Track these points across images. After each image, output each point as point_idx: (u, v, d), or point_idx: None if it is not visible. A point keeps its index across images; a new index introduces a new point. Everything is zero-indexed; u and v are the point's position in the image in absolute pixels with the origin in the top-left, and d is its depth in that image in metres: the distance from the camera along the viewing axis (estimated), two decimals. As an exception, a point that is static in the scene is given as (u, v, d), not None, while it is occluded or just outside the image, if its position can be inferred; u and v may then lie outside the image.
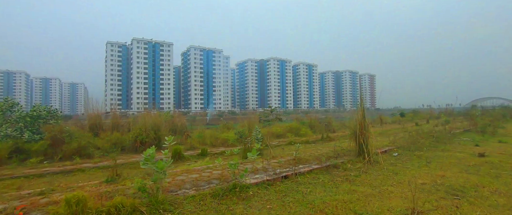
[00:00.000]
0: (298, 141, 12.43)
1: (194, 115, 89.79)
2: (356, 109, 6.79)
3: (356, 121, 6.51)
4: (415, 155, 6.97)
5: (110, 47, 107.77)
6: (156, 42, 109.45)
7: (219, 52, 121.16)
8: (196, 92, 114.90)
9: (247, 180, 4.80)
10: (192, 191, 4.31)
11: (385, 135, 12.23)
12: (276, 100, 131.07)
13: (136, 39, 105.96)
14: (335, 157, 6.55)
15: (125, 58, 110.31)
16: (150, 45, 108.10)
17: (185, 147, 11.55)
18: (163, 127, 13.06)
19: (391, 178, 4.95)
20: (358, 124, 6.47)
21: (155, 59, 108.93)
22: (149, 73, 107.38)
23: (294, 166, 5.59)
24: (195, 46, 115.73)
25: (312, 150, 8.22)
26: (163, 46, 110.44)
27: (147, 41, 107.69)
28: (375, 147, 7.71)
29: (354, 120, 6.60)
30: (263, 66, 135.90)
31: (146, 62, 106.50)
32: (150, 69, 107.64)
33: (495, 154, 7.25)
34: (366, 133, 6.34)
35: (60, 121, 11.71)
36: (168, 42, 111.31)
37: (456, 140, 9.81)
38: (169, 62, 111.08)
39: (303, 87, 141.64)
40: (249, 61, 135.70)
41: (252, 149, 4.60)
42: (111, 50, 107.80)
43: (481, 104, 57.46)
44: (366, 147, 6.26)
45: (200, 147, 10.75)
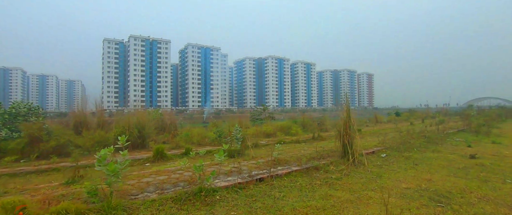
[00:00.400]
0: (288, 141, 12.11)
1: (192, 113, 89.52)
2: (356, 108, 6.44)
3: (342, 120, 6.16)
4: (404, 156, 6.64)
5: (107, 44, 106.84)
6: (154, 40, 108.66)
7: (217, 50, 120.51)
8: (194, 90, 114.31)
9: (218, 183, 4.45)
10: (154, 195, 3.96)
11: (377, 134, 11.91)
12: (274, 99, 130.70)
13: (133, 36, 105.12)
14: (318, 158, 6.20)
15: (122, 55, 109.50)
16: (147, 42, 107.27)
17: (170, 146, 11.20)
18: (149, 125, 12.70)
19: (373, 182, 4.61)
20: (343, 124, 6.12)
21: (153, 57, 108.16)
22: (146, 71, 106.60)
23: (272, 167, 5.24)
24: (193, 43, 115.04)
25: (298, 150, 7.88)
26: (160, 43, 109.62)
27: (144, 38, 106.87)
28: (363, 148, 7.38)
29: (339, 120, 6.24)
30: (261, 64, 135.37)
31: (143, 60, 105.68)
32: (147, 66, 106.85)
33: (487, 155, 6.93)
34: (351, 133, 6.00)
35: (41, 119, 11.30)
36: (165, 40, 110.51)
37: (448, 141, 9.50)
38: (166, 60, 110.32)
39: (301, 85, 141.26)
40: (247, 59, 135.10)
41: (219, 151, 4.24)
42: (108, 47, 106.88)
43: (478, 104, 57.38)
44: (350, 148, 5.91)
45: (185, 146, 10.37)
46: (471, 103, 40.50)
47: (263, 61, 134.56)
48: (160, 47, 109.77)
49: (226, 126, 14.59)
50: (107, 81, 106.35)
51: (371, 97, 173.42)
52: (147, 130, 11.52)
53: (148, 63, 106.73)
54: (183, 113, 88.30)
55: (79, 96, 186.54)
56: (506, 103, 60.32)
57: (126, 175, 4.98)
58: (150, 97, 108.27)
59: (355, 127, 6.05)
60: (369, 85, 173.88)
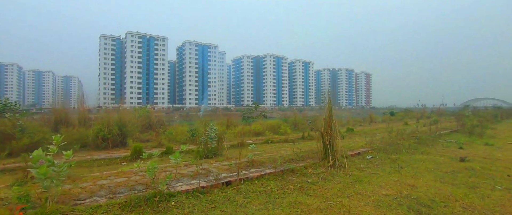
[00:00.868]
0: (276, 140, 11.72)
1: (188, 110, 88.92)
2: (354, 107, 6.02)
3: (323, 120, 5.75)
4: (390, 158, 6.24)
5: (104, 40, 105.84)
6: (151, 36, 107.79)
7: (214, 47, 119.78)
8: (191, 87, 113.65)
9: (180, 186, 4.04)
10: (103, 200, 3.54)
11: (368, 134, 11.54)
12: (271, 97, 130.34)
13: (130, 33, 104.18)
14: (298, 160, 5.80)
15: (119, 52, 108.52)
16: (144, 39, 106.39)
17: (152, 144, 10.78)
18: (132, 123, 12.25)
19: (351, 187, 4.21)
20: (323, 124, 5.71)
21: (150, 54, 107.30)
22: (143, 68, 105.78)
23: (244, 170, 4.83)
24: (190, 41, 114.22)
25: (282, 151, 7.47)
26: (157, 40, 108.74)
27: (141, 35, 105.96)
28: (349, 149, 6.99)
29: (321, 119, 5.83)
30: (259, 63, 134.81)
31: (140, 57, 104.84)
32: (144, 63, 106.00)
33: (478, 158, 6.56)
34: (332, 134, 5.59)
35: (19, 115, 10.83)
36: (163, 36, 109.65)
37: (440, 142, 9.13)
38: (163, 57, 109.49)
39: (299, 84, 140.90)
40: (245, 57, 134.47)
41: (175, 152, 3.82)
42: (104, 44, 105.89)
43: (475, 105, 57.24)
44: (331, 149, 5.51)
45: (167, 144, 9.94)
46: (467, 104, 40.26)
47: (261, 59, 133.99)
48: (157, 44, 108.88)
49: (202, 124, 14.18)
50: (104, 78, 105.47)
51: (369, 96, 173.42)
52: (129, 127, 11.08)
53: (145, 60, 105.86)
54: (179, 111, 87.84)
55: (76, 92, 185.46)
56: (502, 104, 60.21)
57: (81, 177, 4.55)
58: (147, 94, 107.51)
59: (337, 127, 5.65)
60: (367, 84, 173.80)
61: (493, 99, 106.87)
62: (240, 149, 6.78)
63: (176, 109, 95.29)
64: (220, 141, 6.71)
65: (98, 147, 10.02)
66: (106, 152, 9.39)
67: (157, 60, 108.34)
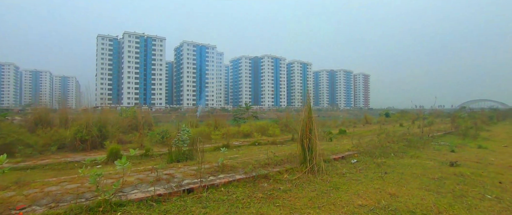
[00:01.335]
0: (264, 142, 11.31)
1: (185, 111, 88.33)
2: (352, 108, 5.62)
3: (301, 121, 5.35)
4: (376, 163, 5.85)
5: (101, 40, 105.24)
6: (148, 37, 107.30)
7: (212, 48, 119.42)
8: (189, 88, 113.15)
9: (135, 194, 3.63)
10: (41, 210, 3.13)
11: (361, 136, 11.15)
12: (269, 98, 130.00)
13: (128, 33, 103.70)
14: (274, 164, 5.40)
15: (116, 52, 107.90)
16: (142, 39, 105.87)
17: (133, 146, 10.32)
18: (113, 124, 11.83)
19: (325, 196, 3.81)
20: (302, 126, 5.31)
21: (147, 54, 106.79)
22: (140, 68, 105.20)
23: (211, 175, 4.42)
24: (188, 41, 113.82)
25: (260, 154, 7.05)
26: (155, 40, 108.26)
27: (139, 35, 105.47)
28: (334, 152, 6.60)
29: (300, 121, 5.43)
30: (257, 64, 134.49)
31: (137, 57, 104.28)
32: (142, 63, 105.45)
33: (469, 163, 6.17)
34: (311, 137, 5.19)
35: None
36: (160, 37, 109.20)
37: (432, 145, 8.75)
38: (161, 57, 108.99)
39: (297, 85, 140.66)
40: (243, 58, 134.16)
41: (122, 157, 3.40)
42: (102, 44, 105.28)
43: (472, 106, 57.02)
44: (310, 153, 5.10)
45: (148, 146, 9.52)
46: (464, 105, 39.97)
47: (259, 60, 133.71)
48: (155, 44, 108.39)
49: (201, 125, 13.75)
50: (101, 78, 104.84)
51: (367, 97, 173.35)
52: (109, 128, 10.66)
53: (142, 61, 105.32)
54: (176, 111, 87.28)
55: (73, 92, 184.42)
56: (499, 105, 59.92)
57: (30, 183, 4.13)
58: (144, 95, 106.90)
59: (316, 130, 5.25)
60: (365, 85, 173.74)
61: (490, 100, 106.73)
62: (223, 152, 6.35)
63: (173, 109, 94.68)
64: (194, 143, 6.30)
65: (75, 148, 9.59)
66: (83, 154, 8.97)
67: (155, 61, 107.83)
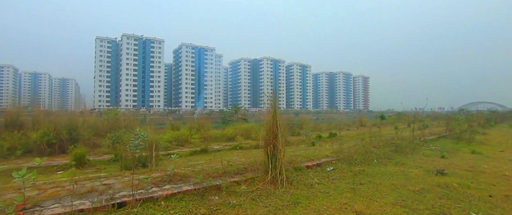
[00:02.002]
0: (246, 146, 10.71)
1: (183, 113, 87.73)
2: (351, 110, 5.03)
3: (265, 125, 4.75)
4: (353, 171, 5.22)
5: (99, 42, 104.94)
6: (147, 39, 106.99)
7: (211, 50, 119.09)
8: (187, 90, 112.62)
9: (54, 208, 3.03)
10: None
11: (347, 140, 10.53)
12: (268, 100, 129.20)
13: (126, 35, 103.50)
14: (235, 173, 4.78)
15: (114, 54, 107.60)
16: (140, 41, 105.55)
17: (104, 150, 9.72)
18: (90, 126, 11.24)
19: (279, 213, 3.18)
20: (265, 130, 4.70)
21: (146, 56, 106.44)
22: (138, 70, 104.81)
23: (155, 186, 3.80)
24: (187, 43, 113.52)
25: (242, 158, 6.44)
26: (154, 42, 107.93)
27: (137, 37, 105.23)
28: (308, 159, 5.97)
29: (264, 125, 4.83)
30: (256, 66, 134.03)
31: (136, 59, 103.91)
32: (140, 66, 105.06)
33: (459, 171, 5.54)
34: (276, 143, 4.57)
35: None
36: (159, 39, 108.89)
37: (422, 150, 8.11)
38: (159, 59, 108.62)
39: (296, 87, 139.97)
40: (242, 60, 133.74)
41: (22, 169, 2.79)
42: (100, 46, 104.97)
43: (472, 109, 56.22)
44: (274, 161, 4.49)
45: (117, 152, 8.90)
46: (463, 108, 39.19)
47: (258, 63, 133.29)
48: (153, 47, 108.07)
49: (184, 128, 13.14)
50: (99, 80, 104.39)
51: (367, 100, 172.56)
52: (81, 131, 10.06)
53: (140, 63, 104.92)
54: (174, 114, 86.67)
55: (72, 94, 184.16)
56: (498, 107, 59.04)
57: None
58: (142, 97, 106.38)
59: (281, 135, 4.63)
60: (364, 88, 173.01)
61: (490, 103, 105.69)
62: (174, 159, 5.72)
63: (171, 111, 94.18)
64: (151, 149, 5.69)
65: (42, 153, 9.00)
66: (50, 159, 8.36)
67: (153, 63, 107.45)
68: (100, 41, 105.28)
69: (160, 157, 6.82)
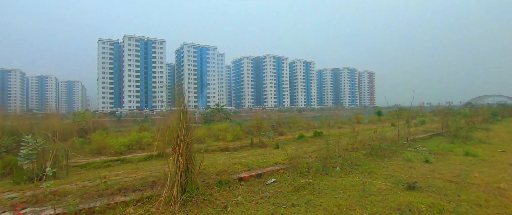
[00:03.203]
0: (213, 148, 9.59)
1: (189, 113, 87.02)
2: (356, 106, 3.87)
3: (172, 127, 3.61)
4: (296, 185, 4.02)
5: (102, 44, 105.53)
6: (148, 39, 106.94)
7: (213, 49, 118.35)
8: (190, 89, 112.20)
9: None
10: None
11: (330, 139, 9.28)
12: (272, 98, 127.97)
13: (128, 36, 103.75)
14: (138, 188, 3.65)
15: (117, 55, 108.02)
16: (142, 42, 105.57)
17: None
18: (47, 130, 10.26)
19: None
20: (175, 134, 3.57)
21: (147, 57, 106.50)
22: (141, 71, 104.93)
23: (9, 210, 2.71)
24: (188, 43, 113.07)
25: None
26: (155, 43, 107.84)
27: (139, 38, 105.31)
28: (249, 167, 4.80)
29: (167, 128, 3.70)
30: (259, 63, 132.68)
31: (138, 60, 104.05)
32: (142, 66, 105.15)
33: (440, 181, 4.29)
34: (182, 150, 3.43)
35: None
36: (160, 39, 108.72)
37: (407, 151, 6.81)
38: (161, 60, 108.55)
39: (300, 84, 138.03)
40: (245, 58, 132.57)
41: None
42: (102, 48, 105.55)
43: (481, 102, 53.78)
44: (180, 173, 3.35)
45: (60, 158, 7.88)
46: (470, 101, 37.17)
47: (261, 60, 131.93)
48: (155, 47, 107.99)
49: (153, 129, 12.11)
50: (102, 82, 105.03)
51: (372, 95, 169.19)
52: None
53: (142, 63, 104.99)
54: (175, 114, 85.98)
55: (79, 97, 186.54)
56: (508, 100, 55.92)
57: None
58: (145, 98, 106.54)
59: (190, 140, 3.48)
60: (370, 83, 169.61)
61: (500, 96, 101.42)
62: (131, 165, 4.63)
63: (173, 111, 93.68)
64: (65, 158, 4.62)
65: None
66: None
67: (155, 63, 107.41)
68: (102, 43, 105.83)
69: (91, 166, 5.75)
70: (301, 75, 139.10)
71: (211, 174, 4.40)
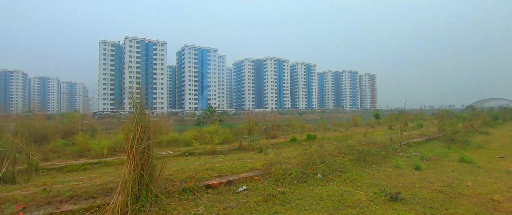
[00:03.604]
0: (199, 152, 9.23)
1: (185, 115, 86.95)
2: (357, 109, 3.54)
3: (126, 131, 3.26)
4: (265, 194, 3.65)
5: (103, 46, 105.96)
6: (149, 41, 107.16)
7: (214, 51, 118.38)
8: (190, 92, 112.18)
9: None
10: None
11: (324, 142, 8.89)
12: (273, 100, 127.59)
13: (129, 38, 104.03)
14: (88, 197, 3.30)
15: (118, 57, 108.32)
16: (143, 44, 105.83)
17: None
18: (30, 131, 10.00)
19: None
20: (131, 139, 3.21)
21: (148, 58, 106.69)
22: (142, 72, 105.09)
23: None
24: (189, 45, 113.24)
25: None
26: (156, 45, 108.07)
27: (140, 40, 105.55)
28: (221, 174, 4.43)
29: (121, 131, 3.34)
30: (260, 66, 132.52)
31: (138, 61, 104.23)
32: (143, 68, 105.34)
33: (427, 191, 3.90)
34: (136, 156, 3.08)
35: None
36: (161, 41, 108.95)
37: (396, 157, 6.41)
38: (162, 62, 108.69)
39: (301, 87, 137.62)
40: (246, 60, 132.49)
41: None
42: (104, 49, 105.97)
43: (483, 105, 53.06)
44: (134, 181, 2.99)
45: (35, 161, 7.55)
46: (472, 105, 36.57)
47: (262, 63, 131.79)
48: (156, 49, 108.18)
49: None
50: (103, 83, 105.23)
51: (374, 98, 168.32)
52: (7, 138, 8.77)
53: (143, 65, 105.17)
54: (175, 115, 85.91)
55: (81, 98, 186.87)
56: (510, 104, 55.15)
57: None
58: (146, 99, 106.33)
59: (146, 145, 3.13)
60: (371, 86, 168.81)
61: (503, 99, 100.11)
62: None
63: (173, 113, 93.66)
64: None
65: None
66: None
67: (156, 65, 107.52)
68: (104, 44, 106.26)
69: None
70: (302, 78, 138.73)
71: (177, 180, 4.04)
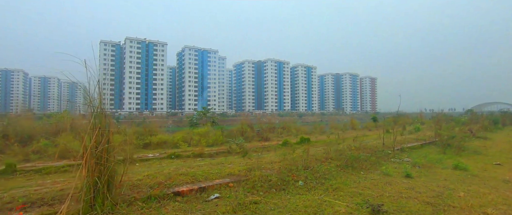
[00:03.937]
0: (187, 154, 8.93)
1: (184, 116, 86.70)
2: (358, 112, 3.25)
3: (86, 134, 2.96)
4: (244, 202, 3.34)
5: (103, 46, 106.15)
6: (150, 42, 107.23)
7: (214, 52, 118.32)
8: (190, 92, 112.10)
9: None
10: None
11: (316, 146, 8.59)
12: (273, 102, 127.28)
13: (129, 38, 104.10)
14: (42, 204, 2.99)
15: (118, 57, 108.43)
16: (143, 44, 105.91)
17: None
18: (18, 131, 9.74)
19: None
20: (90, 143, 2.91)
21: (149, 59, 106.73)
22: (142, 73, 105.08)
23: None
24: (190, 46, 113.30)
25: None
26: (156, 45, 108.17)
27: (140, 40, 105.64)
28: (193, 180, 4.13)
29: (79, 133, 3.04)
30: (260, 67, 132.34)
31: (139, 62, 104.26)
32: (143, 68, 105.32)
33: (414, 202, 3.59)
34: (103, 161, 2.78)
35: None
36: (162, 42, 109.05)
37: (387, 163, 6.09)
38: (162, 62, 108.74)
39: (301, 89, 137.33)
40: (246, 62, 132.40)
41: None
42: (104, 49, 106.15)
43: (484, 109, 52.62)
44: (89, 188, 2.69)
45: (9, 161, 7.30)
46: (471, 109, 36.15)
47: (262, 64, 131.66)
48: (156, 50, 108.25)
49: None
50: (103, 84, 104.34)
51: (374, 101, 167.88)
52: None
53: (143, 65, 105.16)
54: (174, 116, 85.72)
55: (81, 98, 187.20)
56: (511, 108, 54.68)
57: None
58: (146, 100, 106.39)
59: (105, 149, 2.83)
60: (372, 89, 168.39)
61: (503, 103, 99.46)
62: None
63: (172, 114, 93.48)
64: None
65: None
66: None
67: (156, 66, 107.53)
68: (104, 44, 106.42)
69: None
70: (303, 80, 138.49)
71: (144, 187, 3.74)
